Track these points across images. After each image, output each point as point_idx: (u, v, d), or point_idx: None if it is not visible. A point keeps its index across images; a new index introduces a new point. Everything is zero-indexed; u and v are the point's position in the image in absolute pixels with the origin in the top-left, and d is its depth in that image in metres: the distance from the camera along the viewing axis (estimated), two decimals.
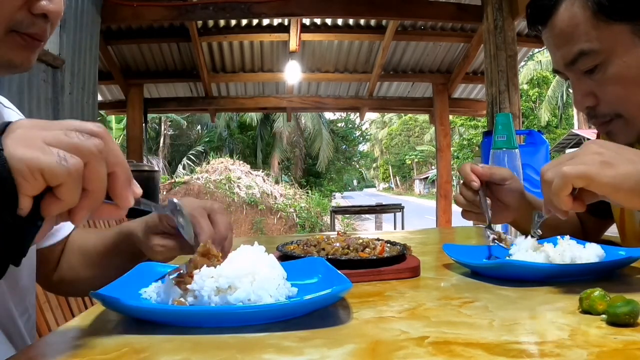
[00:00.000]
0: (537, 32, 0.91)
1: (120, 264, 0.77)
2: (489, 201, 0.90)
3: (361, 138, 35.74)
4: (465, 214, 0.94)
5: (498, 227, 1.09)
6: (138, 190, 0.49)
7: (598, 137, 1.10)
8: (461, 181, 0.93)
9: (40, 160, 0.40)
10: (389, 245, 0.83)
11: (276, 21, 5.53)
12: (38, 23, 0.63)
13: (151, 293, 0.58)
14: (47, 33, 0.66)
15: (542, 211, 0.78)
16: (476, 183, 0.88)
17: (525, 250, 0.78)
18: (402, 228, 7.87)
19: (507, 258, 0.79)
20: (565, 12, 0.84)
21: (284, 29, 5.59)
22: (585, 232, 1.09)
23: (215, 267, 0.54)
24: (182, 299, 0.54)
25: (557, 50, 0.87)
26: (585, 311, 0.51)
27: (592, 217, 1.09)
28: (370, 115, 34.22)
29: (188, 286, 0.54)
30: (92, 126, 0.44)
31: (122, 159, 0.46)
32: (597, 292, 0.51)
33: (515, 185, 0.93)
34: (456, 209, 1.02)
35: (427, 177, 39.11)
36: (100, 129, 0.45)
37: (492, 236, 0.84)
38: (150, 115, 9.21)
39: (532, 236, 0.79)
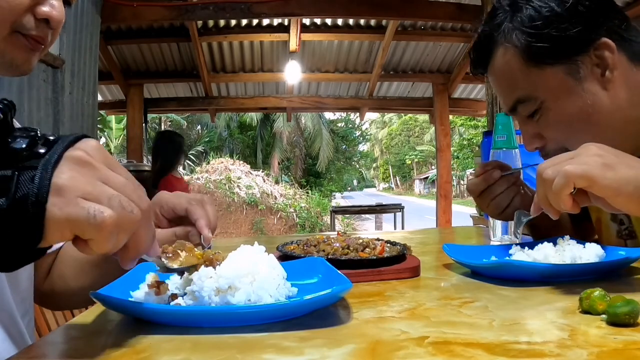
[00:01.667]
0: (482, 76, 0.91)
1: (112, 271, 0.78)
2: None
3: (361, 138, 35.74)
4: (494, 207, 0.92)
5: (498, 225, 1.09)
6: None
7: None
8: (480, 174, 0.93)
9: (70, 215, 0.40)
10: (389, 245, 0.83)
11: (276, 21, 5.52)
12: (40, 27, 0.65)
13: (138, 295, 0.57)
14: (49, 38, 0.68)
15: (526, 211, 0.78)
16: (497, 173, 0.89)
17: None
18: (402, 228, 7.87)
19: (507, 258, 0.79)
20: (500, 60, 0.85)
21: (284, 29, 5.59)
22: (582, 235, 1.09)
23: (215, 267, 0.54)
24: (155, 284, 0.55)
25: (499, 96, 0.88)
26: (585, 311, 0.51)
27: (575, 223, 1.09)
28: (370, 115, 34.24)
29: (188, 288, 0.54)
30: (139, 199, 0.45)
31: (146, 241, 0.47)
32: (597, 292, 0.51)
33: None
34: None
35: (427, 177, 39.09)
36: (145, 206, 0.45)
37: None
38: (150, 115, 9.21)
39: (515, 235, 0.79)
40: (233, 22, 5.49)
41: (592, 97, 0.80)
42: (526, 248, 0.81)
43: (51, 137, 0.43)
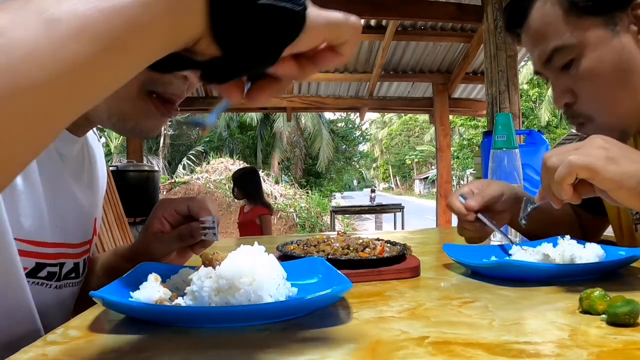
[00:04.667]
0: (516, 36, 0.92)
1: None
2: (494, 237, 0.90)
3: (361, 138, 35.70)
4: (470, 241, 0.94)
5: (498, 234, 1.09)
6: None
7: None
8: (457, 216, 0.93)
9: (329, 18, 0.39)
10: (389, 245, 0.83)
11: None
12: (176, 83, 0.59)
13: (138, 295, 0.57)
14: (184, 95, 0.63)
15: (528, 199, 0.79)
16: (471, 217, 0.88)
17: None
18: (402, 228, 7.87)
19: (507, 258, 0.79)
20: (538, 12, 0.86)
21: None
22: (583, 231, 1.09)
23: (215, 267, 0.54)
24: (163, 296, 0.54)
25: (534, 50, 0.89)
26: (585, 311, 0.51)
27: (589, 214, 1.09)
28: (370, 115, 34.24)
29: (187, 288, 0.54)
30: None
31: None
32: (597, 292, 0.51)
33: (507, 194, 0.92)
34: None
35: (427, 177, 39.10)
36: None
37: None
38: None
39: (520, 222, 0.80)
40: None
41: (628, 54, 0.81)
42: (526, 248, 0.81)
43: None
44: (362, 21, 5.57)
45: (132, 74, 0.35)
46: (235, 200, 11.28)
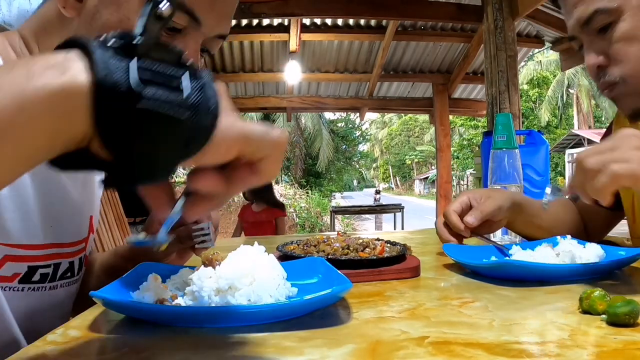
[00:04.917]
0: (557, 5, 0.93)
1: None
2: (494, 238, 0.92)
3: (361, 138, 35.70)
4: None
5: (498, 234, 1.10)
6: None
7: (607, 133, 1.10)
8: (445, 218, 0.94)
9: (245, 129, 0.36)
10: (389, 245, 0.83)
11: (276, 21, 5.53)
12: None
13: (138, 295, 0.57)
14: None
15: (555, 187, 0.79)
16: (467, 233, 0.91)
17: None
18: (402, 228, 7.87)
19: (507, 258, 0.79)
20: None
21: (284, 29, 5.59)
22: (594, 227, 1.09)
23: (215, 267, 0.54)
24: (163, 296, 0.54)
25: (574, 12, 0.90)
26: (585, 311, 0.51)
27: (606, 209, 1.08)
28: (370, 115, 34.20)
29: (187, 288, 0.54)
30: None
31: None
32: (597, 292, 0.51)
33: (505, 206, 0.94)
34: None
35: (427, 177, 39.09)
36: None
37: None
38: None
39: (542, 207, 0.81)
40: (233, 22, 5.49)
41: None
42: (526, 248, 0.81)
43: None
44: (362, 21, 5.59)
45: (12, 177, 0.33)
46: (235, 199, 11.31)
